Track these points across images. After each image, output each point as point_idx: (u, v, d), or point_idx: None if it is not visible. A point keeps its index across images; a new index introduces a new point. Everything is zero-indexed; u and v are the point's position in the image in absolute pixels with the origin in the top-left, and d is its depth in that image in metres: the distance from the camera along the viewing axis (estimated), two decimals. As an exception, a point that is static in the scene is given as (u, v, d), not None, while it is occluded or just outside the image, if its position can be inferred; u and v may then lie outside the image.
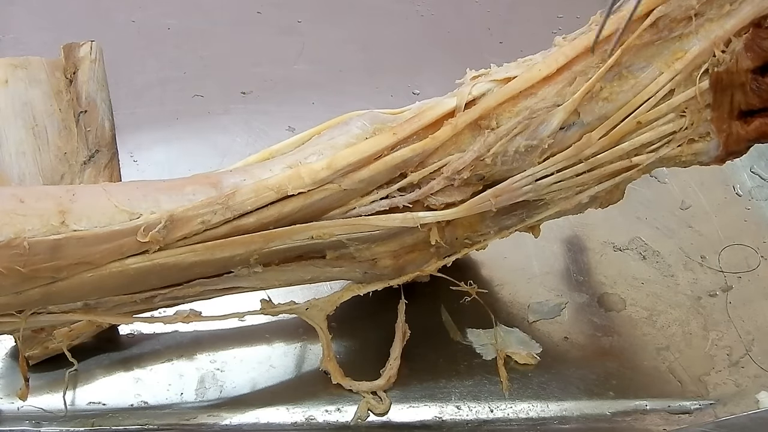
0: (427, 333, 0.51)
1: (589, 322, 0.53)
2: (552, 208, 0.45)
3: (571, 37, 0.43)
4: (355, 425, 0.47)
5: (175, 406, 0.47)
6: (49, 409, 0.46)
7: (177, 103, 0.68)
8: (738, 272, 0.56)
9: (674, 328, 0.53)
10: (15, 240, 0.35)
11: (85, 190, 0.38)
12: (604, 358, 0.51)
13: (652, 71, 0.41)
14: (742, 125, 0.42)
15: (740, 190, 0.63)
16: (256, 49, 0.74)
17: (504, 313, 0.53)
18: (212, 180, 0.40)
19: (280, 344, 0.51)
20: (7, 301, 0.37)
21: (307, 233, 0.41)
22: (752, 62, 0.40)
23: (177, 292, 0.42)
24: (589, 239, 0.58)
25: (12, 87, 0.52)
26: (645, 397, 0.49)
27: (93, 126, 0.52)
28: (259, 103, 0.69)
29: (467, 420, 0.47)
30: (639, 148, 0.42)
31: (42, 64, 0.53)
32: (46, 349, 0.47)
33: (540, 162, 0.42)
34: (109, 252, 0.37)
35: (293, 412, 0.47)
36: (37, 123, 0.51)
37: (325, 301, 0.46)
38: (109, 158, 0.51)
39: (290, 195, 0.40)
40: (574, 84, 0.41)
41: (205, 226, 0.39)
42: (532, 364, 0.50)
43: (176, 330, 0.51)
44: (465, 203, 0.43)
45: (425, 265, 0.47)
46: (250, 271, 0.42)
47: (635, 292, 0.55)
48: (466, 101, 0.41)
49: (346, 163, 0.40)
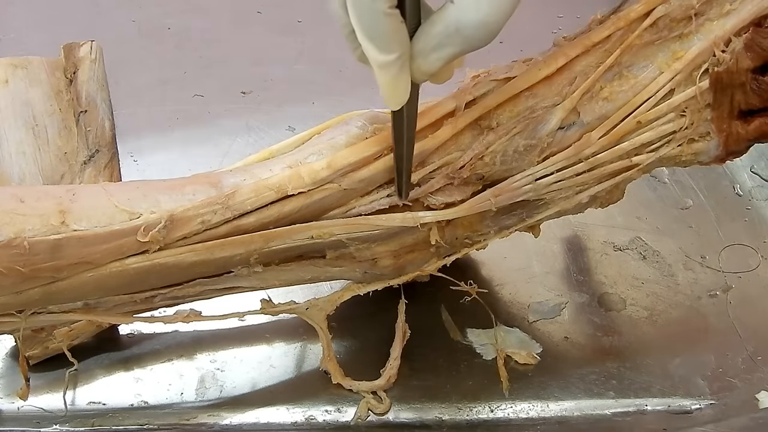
0: (427, 333, 0.51)
1: (589, 322, 0.53)
2: (552, 208, 0.45)
3: (571, 36, 0.43)
4: (355, 425, 0.47)
5: (175, 406, 0.47)
6: (49, 409, 0.46)
7: (177, 103, 0.68)
8: (738, 272, 0.56)
9: (674, 328, 0.53)
10: (15, 240, 0.35)
11: (85, 190, 0.38)
12: (604, 358, 0.51)
13: (652, 71, 0.41)
14: (742, 125, 0.42)
15: (740, 190, 0.63)
16: (256, 49, 0.74)
17: (504, 313, 0.53)
18: (212, 180, 0.40)
19: (280, 344, 0.51)
20: (7, 300, 0.37)
21: (307, 233, 0.41)
22: (752, 62, 0.40)
23: (177, 292, 0.42)
24: (589, 239, 0.58)
25: (12, 87, 0.52)
26: (645, 397, 0.49)
27: (93, 126, 0.52)
28: (259, 103, 0.69)
29: (467, 420, 0.47)
30: (639, 148, 0.43)
31: (42, 64, 0.53)
32: (46, 349, 0.47)
33: (540, 161, 0.42)
34: (109, 252, 0.37)
35: (293, 412, 0.47)
36: (37, 123, 0.51)
37: (325, 301, 0.46)
38: (109, 158, 0.51)
39: (290, 195, 0.40)
40: (574, 84, 0.41)
41: (205, 226, 0.39)
42: (532, 364, 0.50)
43: (176, 330, 0.51)
44: (465, 203, 0.43)
45: (425, 265, 0.47)
46: (250, 270, 0.42)
47: (635, 292, 0.55)
48: (466, 101, 0.41)
49: (346, 163, 0.40)
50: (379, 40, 0.33)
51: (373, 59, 0.34)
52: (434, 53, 0.34)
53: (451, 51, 0.34)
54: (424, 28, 0.34)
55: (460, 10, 0.33)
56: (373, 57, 0.33)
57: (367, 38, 0.33)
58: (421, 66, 0.35)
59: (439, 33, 0.33)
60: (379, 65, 0.34)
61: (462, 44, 0.34)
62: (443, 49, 0.34)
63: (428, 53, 0.34)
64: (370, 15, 0.32)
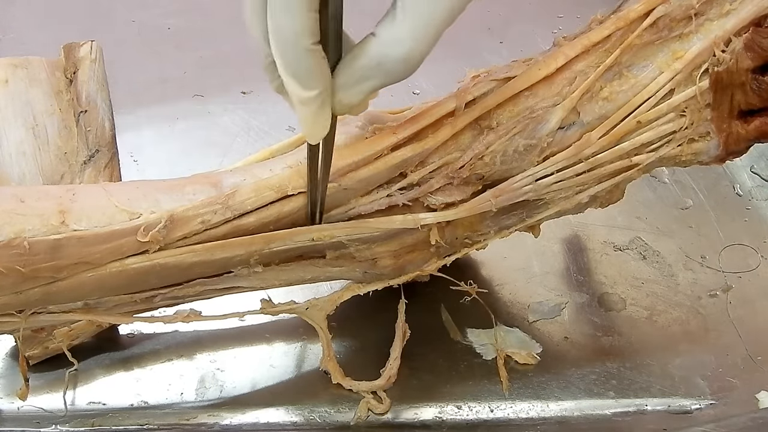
0: (427, 333, 0.51)
1: (589, 322, 0.53)
2: (552, 208, 0.45)
3: (571, 36, 0.43)
4: (355, 425, 0.47)
5: (175, 406, 0.47)
6: (49, 409, 0.46)
7: (177, 103, 0.68)
8: (738, 272, 0.56)
9: (674, 328, 0.53)
10: (15, 240, 0.35)
11: (85, 190, 0.38)
12: (604, 358, 0.51)
13: (652, 71, 0.41)
14: (742, 125, 0.42)
15: (740, 190, 0.63)
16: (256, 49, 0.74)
17: (504, 313, 0.53)
18: (212, 180, 0.40)
19: (280, 344, 0.51)
20: (7, 300, 0.37)
21: (308, 235, 0.41)
22: (752, 62, 0.40)
23: (177, 292, 0.42)
24: (589, 239, 0.58)
25: (12, 87, 0.52)
26: (645, 397, 0.49)
27: (93, 126, 0.52)
28: (259, 103, 0.69)
29: (467, 420, 0.47)
30: (639, 148, 0.43)
31: (42, 64, 0.53)
32: (46, 349, 0.47)
33: (540, 162, 0.42)
34: (109, 252, 0.37)
35: (293, 412, 0.47)
36: (37, 123, 0.51)
37: (325, 301, 0.46)
38: (109, 158, 0.51)
39: (290, 195, 0.40)
40: (574, 84, 0.41)
41: (205, 226, 0.39)
42: (532, 364, 0.50)
43: (176, 330, 0.51)
44: (465, 203, 0.43)
45: (425, 265, 0.47)
46: (250, 270, 0.42)
47: (635, 292, 0.55)
48: (466, 101, 0.41)
49: (345, 163, 0.40)
50: (301, 77, 0.33)
51: (295, 95, 0.33)
52: (356, 87, 0.34)
53: (372, 84, 0.34)
54: (346, 61, 0.34)
55: (382, 45, 0.33)
56: (295, 92, 0.33)
57: (289, 74, 0.33)
58: (342, 99, 0.35)
59: (361, 67, 0.34)
60: (300, 101, 0.34)
61: (383, 78, 0.34)
62: (365, 82, 0.34)
63: (350, 87, 0.34)
64: (294, 51, 0.32)
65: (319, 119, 0.35)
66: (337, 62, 0.34)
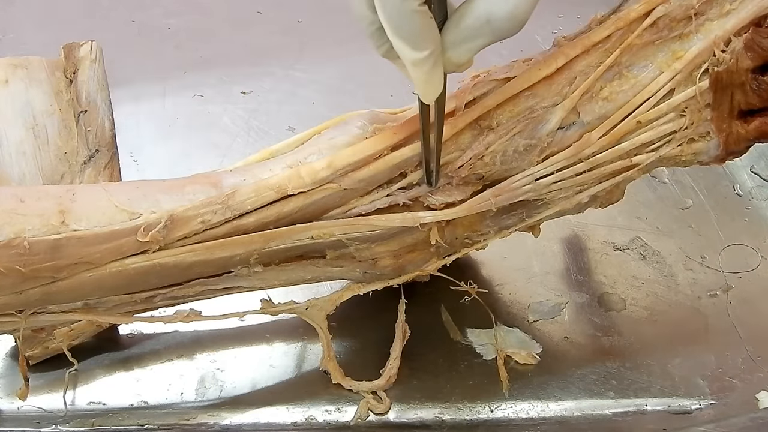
0: (427, 333, 0.51)
1: (589, 322, 0.53)
2: (552, 208, 0.45)
3: (571, 36, 0.43)
4: (355, 425, 0.47)
5: (175, 406, 0.47)
6: (49, 409, 0.46)
7: (177, 103, 0.68)
8: (738, 272, 0.56)
9: (674, 328, 0.53)
10: (15, 240, 0.35)
11: (85, 190, 0.38)
12: (604, 358, 0.51)
13: (652, 71, 0.41)
14: (742, 125, 0.42)
15: (740, 190, 0.63)
16: (256, 49, 0.74)
17: (504, 313, 0.53)
18: (212, 180, 0.40)
19: (280, 344, 0.51)
20: (7, 300, 0.37)
21: (308, 233, 0.41)
22: (752, 62, 0.40)
23: (177, 292, 0.42)
24: (589, 239, 0.58)
25: (12, 87, 0.52)
26: (645, 397, 0.49)
27: (93, 126, 0.52)
28: (259, 103, 0.69)
29: (467, 420, 0.47)
30: (639, 148, 0.43)
31: (42, 64, 0.53)
32: (46, 349, 0.47)
33: (540, 161, 0.42)
34: (109, 252, 0.37)
35: (293, 412, 0.47)
36: (37, 123, 0.51)
37: (325, 301, 0.46)
38: (109, 158, 0.51)
39: (290, 195, 0.40)
40: (574, 84, 0.41)
41: (205, 226, 0.39)
42: (532, 364, 0.50)
43: (176, 330, 0.51)
44: (465, 203, 0.43)
45: (425, 265, 0.47)
46: (250, 270, 0.42)
47: (635, 292, 0.55)
48: (466, 101, 0.41)
49: (346, 163, 0.40)
50: (411, 38, 0.33)
51: (407, 57, 0.34)
52: (465, 45, 0.35)
53: (481, 42, 0.35)
54: (453, 21, 0.35)
55: (489, 3, 0.34)
56: (407, 55, 0.34)
57: (398, 37, 0.33)
58: (452, 58, 0.35)
59: (469, 26, 0.34)
60: (412, 62, 0.34)
61: (492, 35, 0.34)
62: (474, 40, 0.35)
63: (459, 45, 0.35)
64: (401, 14, 0.32)
65: (432, 78, 0.35)
66: (443, 22, 0.35)
